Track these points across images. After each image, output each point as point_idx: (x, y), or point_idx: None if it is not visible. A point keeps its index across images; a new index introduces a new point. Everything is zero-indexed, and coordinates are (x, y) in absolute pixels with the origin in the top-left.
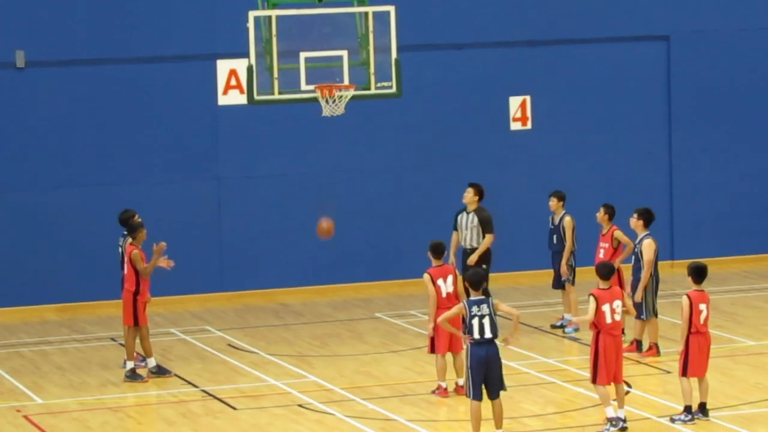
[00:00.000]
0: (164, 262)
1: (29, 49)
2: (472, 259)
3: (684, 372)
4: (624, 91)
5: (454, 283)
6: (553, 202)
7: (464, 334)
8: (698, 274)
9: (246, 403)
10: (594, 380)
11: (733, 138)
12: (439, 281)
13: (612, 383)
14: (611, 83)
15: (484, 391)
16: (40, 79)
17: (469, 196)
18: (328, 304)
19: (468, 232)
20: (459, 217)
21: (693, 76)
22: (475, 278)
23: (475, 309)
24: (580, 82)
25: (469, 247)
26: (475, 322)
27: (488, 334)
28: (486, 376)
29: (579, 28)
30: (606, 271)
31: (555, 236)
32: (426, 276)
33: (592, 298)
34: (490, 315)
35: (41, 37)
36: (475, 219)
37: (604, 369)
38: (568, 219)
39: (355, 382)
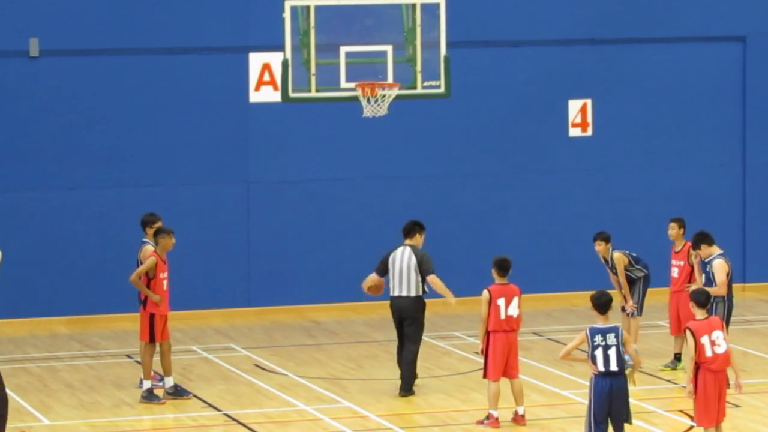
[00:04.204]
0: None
1: (44, 37)
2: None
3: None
4: (694, 96)
5: (520, 306)
6: (602, 246)
7: (591, 363)
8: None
9: (272, 429)
10: (697, 421)
11: None
12: (500, 301)
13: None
14: (680, 87)
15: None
16: (54, 70)
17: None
18: (364, 323)
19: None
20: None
21: None
22: (602, 302)
23: (598, 338)
24: (646, 86)
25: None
26: (599, 352)
27: (614, 367)
28: (610, 410)
29: (646, 27)
30: (704, 299)
31: (614, 276)
32: (485, 294)
33: (689, 333)
34: (617, 346)
35: (57, 24)
36: (414, 258)
37: (705, 409)
38: (617, 255)
39: (393, 409)
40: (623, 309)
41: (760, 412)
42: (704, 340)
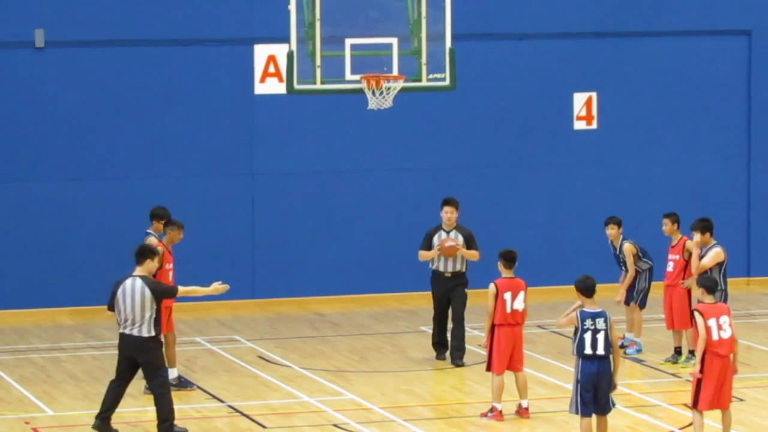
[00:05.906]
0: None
1: (49, 28)
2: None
3: (695, 403)
4: (699, 90)
5: (526, 300)
6: (614, 230)
7: (574, 347)
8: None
9: (276, 421)
10: (693, 404)
11: None
12: (506, 294)
13: (719, 409)
14: (686, 81)
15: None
16: (60, 61)
17: (454, 214)
18: (368, 315)
19: None
20: (435, 237)
21: None
22: (587, 285)
23: (588, 322)
24: (652, 79)
25: (450, 271)
26: (588, 336)
27: (601, 351)
28: (596, 393)
29: (651, 20)
30: (713, 284)
31: (622, 264)
32: (491, 287)
33: (697, 314)
34: (605, 331)
35: (62, 15)
36: (459, 237)
37: (704, 392)
38: (627, 246)
39: (397, 402)
40: (626, 303)
41: (764, 407)
42: (711, 322)
